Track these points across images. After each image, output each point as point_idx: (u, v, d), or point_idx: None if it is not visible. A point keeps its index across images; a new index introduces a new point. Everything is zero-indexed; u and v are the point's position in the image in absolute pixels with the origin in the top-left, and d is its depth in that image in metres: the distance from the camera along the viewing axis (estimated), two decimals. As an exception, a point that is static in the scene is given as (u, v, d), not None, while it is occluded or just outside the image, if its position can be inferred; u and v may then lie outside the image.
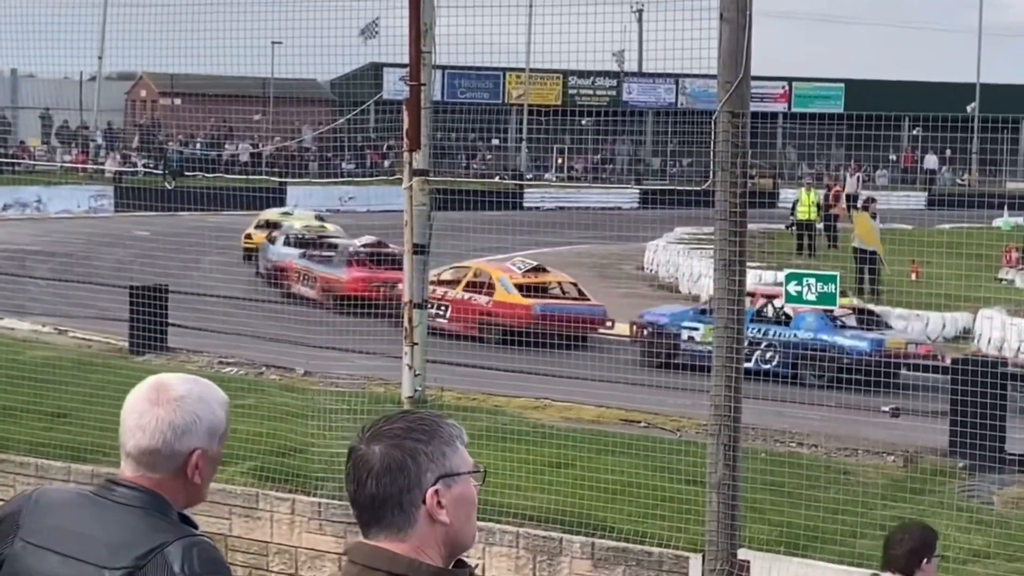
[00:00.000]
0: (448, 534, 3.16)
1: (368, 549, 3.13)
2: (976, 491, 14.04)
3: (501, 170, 46.41)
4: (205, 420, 3.63)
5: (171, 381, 3.67)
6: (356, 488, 3.12)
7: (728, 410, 11.82)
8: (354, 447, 3.16)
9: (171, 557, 3.47)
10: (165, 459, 3.60)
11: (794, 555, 11.84)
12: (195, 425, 3.61)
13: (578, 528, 12.68)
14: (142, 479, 3.61)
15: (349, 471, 3.14)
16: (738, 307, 12.06)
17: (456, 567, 3.20)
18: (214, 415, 3.66)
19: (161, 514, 3.58)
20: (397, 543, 3.10)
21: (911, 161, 66.34)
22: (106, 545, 3.50)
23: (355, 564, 3.14)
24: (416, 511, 3.10)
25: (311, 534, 13.58)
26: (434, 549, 3.13)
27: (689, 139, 37.63)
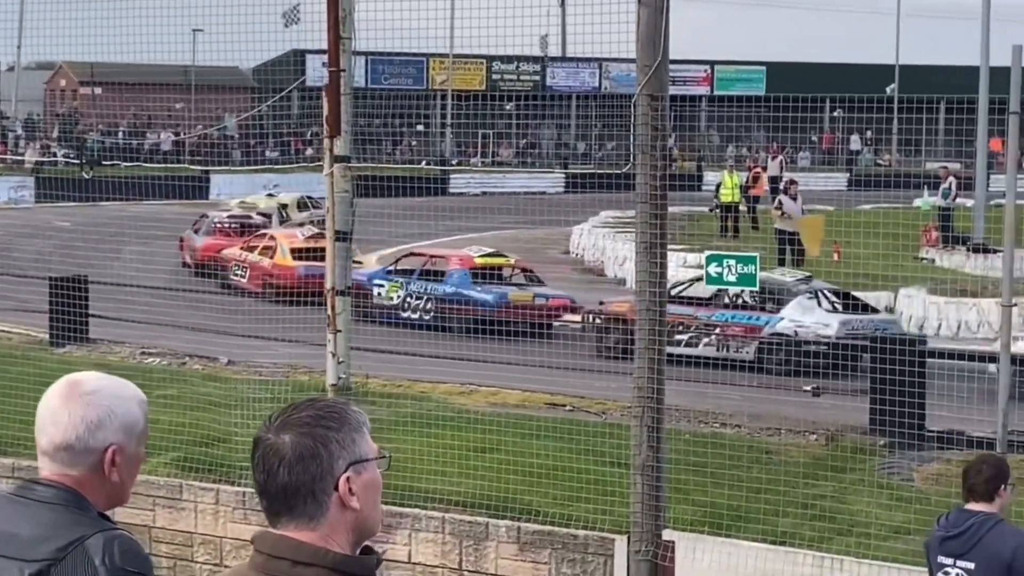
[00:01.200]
0: (358, 520, 3.16)
1: (273, 538, 3.12)
2: (896, 468, 14.19)
3: (426, 156, 46.32)
4: (119, 415, 3.61)
5: (84, 377, 3.65)
6: (266, 478, 3.11)
7: (651, 392, 11.89)
8: (261, 437, 3.15)
9: (91, 549, 3.46)
10: (80, 455, 3.58)
11: (718, 535, 11.92)
12: (109, 420, 3.59)
13: (504, 512, 12.70)
14: (61, 477, 3.59)
15: (258, 461, 3.13)
16: (660, 289, 12.13)
17: (363, 553, 3.20)
18: (129, 411, 3.63)
19: (81, 510, 3.56)
20: (307, 532, 3.10)
21: (832, 142, 66.88)
22: (25, 540, 3.49)
23: (261, 554, 3.13)
24: (328, 499, 3.10)
25: (236, 524, 13.53)
26: (343, 536, 3.14)
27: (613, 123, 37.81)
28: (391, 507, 12.83)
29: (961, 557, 7.21)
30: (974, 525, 7.20)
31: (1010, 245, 10.68)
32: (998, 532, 7.17)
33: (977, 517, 7.21)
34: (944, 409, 15.05)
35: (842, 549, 11.58)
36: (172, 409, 15.29)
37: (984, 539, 7.16)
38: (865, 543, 11.68)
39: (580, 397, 17.14)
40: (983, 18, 35.34)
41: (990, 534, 7.15)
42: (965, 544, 7.19)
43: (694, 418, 16.14)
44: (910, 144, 56.30)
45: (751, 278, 12.93)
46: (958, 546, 7.23)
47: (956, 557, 7.23)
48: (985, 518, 7.20)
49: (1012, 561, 7.11)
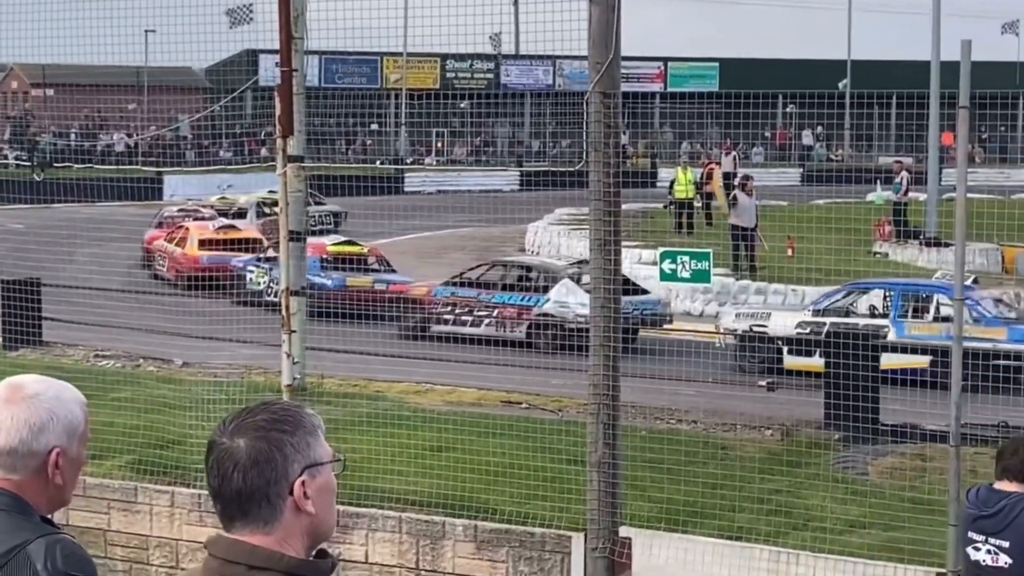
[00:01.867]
0: (313, 524, 3.15)
1: (227, 543, 3.11)
2: (851, 462, 14.26)
3: (380, 155, 46.19)
4: (62, 417, 3.58)
5: (25, 380, 3.63)
6: (221, 482, 3.09)
7: (607, 389, 11.91)
8: (216, 441, 3.13)
9: (33, 555, 3.44)
10: (23, 458, 3.55)
11: (675, 531, 11.95)
12: (51, 423, 3.57)
13: (461, 511, 12.70)
14: (2, 482, 3.56)
15: (212, 465, 3.11)
16: (614, 286, 12.14)
17: (318, 556, 3.19)
18: (71, 413, 3.61)
19: (22, 515, 3.54)
20: (261, 536, 3.09)
21: (785, 138, 67.09)
22: None
23: (215, 558, 3.12)
24: (283, 503, 3.09)
25: (191, 526, 13.47)
26: (298, 540, 3.13)
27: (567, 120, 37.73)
28: (347, 507, 12.81)
29: (995, 535, 7.37)
30: (1007, 505, 7.35)
31: (961, 239, 10.73)
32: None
33: (1011, 498, 7.36)
34: (898, 403, 15.17)
35: (798, 544, 11.62)
36: (126, 411, 15.20)
37: (1018, 519, 7.31)
38: (821, 537, 11.73)
39: (536, 395, 17.15)
40: (934, 13, 35.59)
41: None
42: (999, 523, 7.35)
43: (650, 414, 16.18)
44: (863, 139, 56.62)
45: (705, 274, 12.96)
46: (992, 525, 7.38)
47: (990, 535, 7.39)
48: (1019, 498, 7.36)
49: None
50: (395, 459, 13.58)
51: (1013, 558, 7.42)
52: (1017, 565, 7.42)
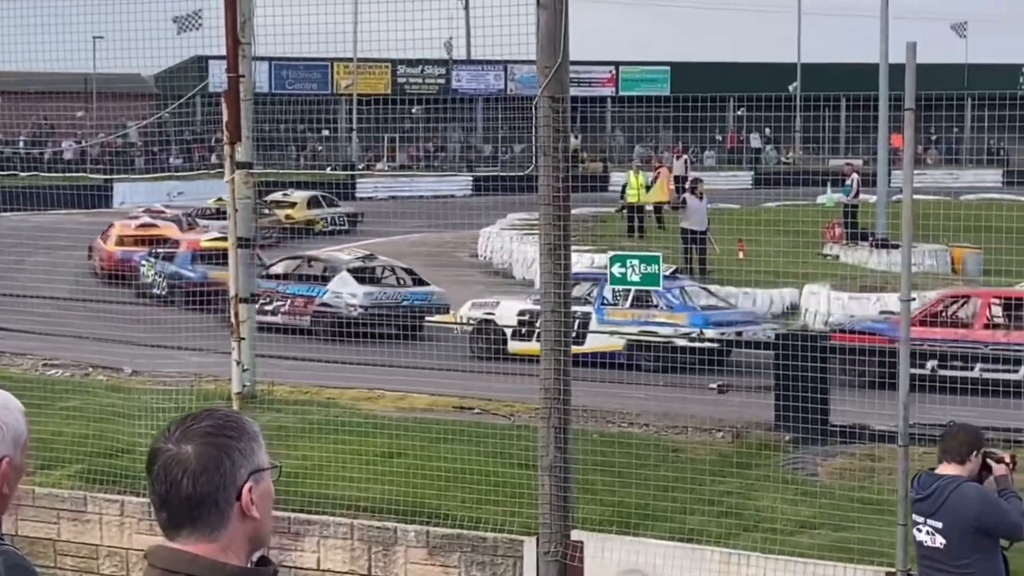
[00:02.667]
0: (255, 529, 3.15)
1: (168, 552, 3.09)
2: (801, 463, 14.31)
3: (332, 161, 46.10)
4: (11, 428, 3.57)
5: None
6: (169, 489, 3.07)
7: (558, 393, 11.92)
8: (161, 448, 3.11)
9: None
10: None
11: (626, 534, 11.96)
12: (1, 433, 3.54)
13: (412, 517, 12.68)
14: None
15: (159, 472, 3.09)
16: (564, 291, 12.15)
17: (260, 564, 3.18)
18: (17, 422, 3.59)
19: None
20: (206, 544, 3.07)
21: (736, 141, 67.40)
22: None
23: (155, 568, 3.10)
24: (230, 509, 3.09)
25: (142, 535, 13.38)
26: (240, 547, 3.12)
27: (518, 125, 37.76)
28: (299, 515, 12.78)
29: (931, 516, 7.72)
30: (939, 488, 7.69)
31: (908, 240, 10.79)
32: (960, 493, 7.64)
33: (943, 480, 7.70)
34: (848, 404, 15.23)
35: (749, 545, 11.66)
36: (75, 421, 15.10)
37: (948, 500, 7.63)
38: (771, 538, 11.77)
39: (488, 400, 17.13)
40: (882, 16, 35.81)
41: (954, 495, 7.64)
42: (933, 505, 7.70)
43: (602, 418, 16.19)
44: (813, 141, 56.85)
45: (655, 277, 13.00)
46: (927, 507, 7.74)
47: (927, 517, 7.74)
48: (950, 480, 7.68)
49: (978, 525, 7.63)
50: (346, 466, 13.54)
51: (947, 538, 7.71)
52: (951, 544, 7.70)
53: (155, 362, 18.96)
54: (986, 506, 7.63)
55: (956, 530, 7.63)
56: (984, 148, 51.05)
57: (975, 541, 7.63)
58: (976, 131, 54.84)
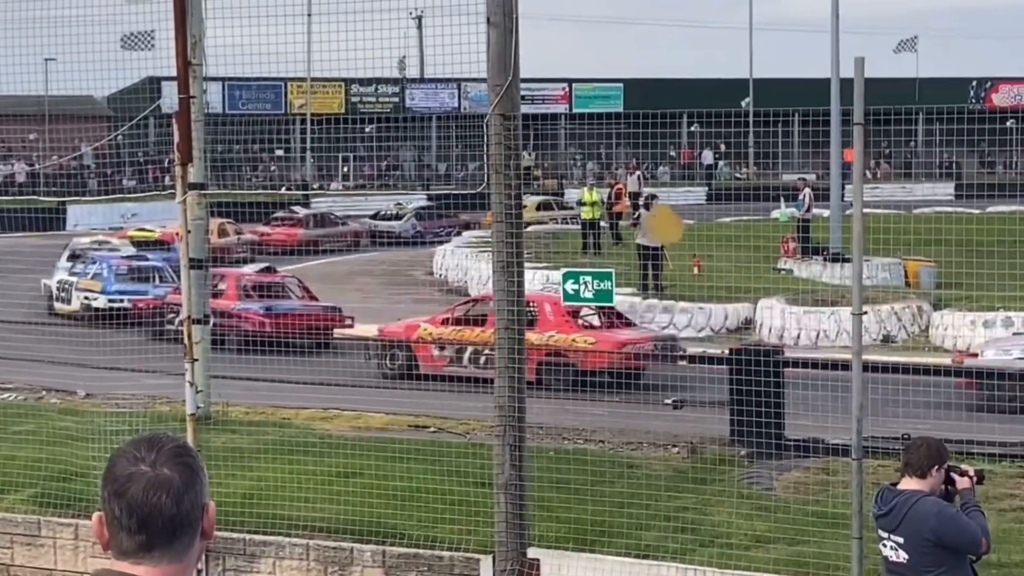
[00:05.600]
0: (202, 550, 3.15)
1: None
2: (757, 477, 14.35)
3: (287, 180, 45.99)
4: None
5: None
6: (150, 512, 3.05)
7: (512, 411, 11.90)
8: (137, 471, 3.08)
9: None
10: None
11: (583, 551, 11.96)
12: None
13: (369, 537, 12.64)
14: None
15: (138, 495, 3.06)
16: (518, 307, 12.16)
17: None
18: None
19: None
20: (175, 565, 3.07)
21: (690, 157, 67.56)
22: None
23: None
24: (198, 528, 3.10)
25: (96, 559, 13.28)
26: (194, 568, 3.12)
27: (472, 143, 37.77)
28: (254, 536, 12.72)
29: (893, 532, 7.76)
30: (899, 502, 7.74)
31: (859, 254, 10.85)
32: (919, 508, 7.67)
33: (903, 495, 7.75)
34: (803, 418, 15.28)
35: (705, 560, 11.67)
36: (29, 444, 15.00)
37: (908, 515, 7.67)
38: (727, 553, 11.79)
39: (444, 418, 17.11)
40: (832, 31, 36.01)
41: (913, 510, 7.67)
42: (894, 520, 7.74)
43: (557, 435, 16.20)
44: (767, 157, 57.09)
45: (608, 294, 13.01)
46: (889, 522, 7.78)
47: (890, 532, 7.78)
48: (910, 495, 7.72)
49: (936, 540, 7.64)
50: (302, 486, 13.50)
51: (909, 553, 7.73)
52: (913, 559, 7.71)
53: (109, 384, 18.85)
54: (944, 521, 7.64)
55: (917, 545, 7.64)
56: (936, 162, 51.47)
57: (937, 555, 7.64)
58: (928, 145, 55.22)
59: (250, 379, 18.45)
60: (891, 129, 44.65)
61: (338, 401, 17.69)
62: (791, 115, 46.43)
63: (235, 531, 12.74)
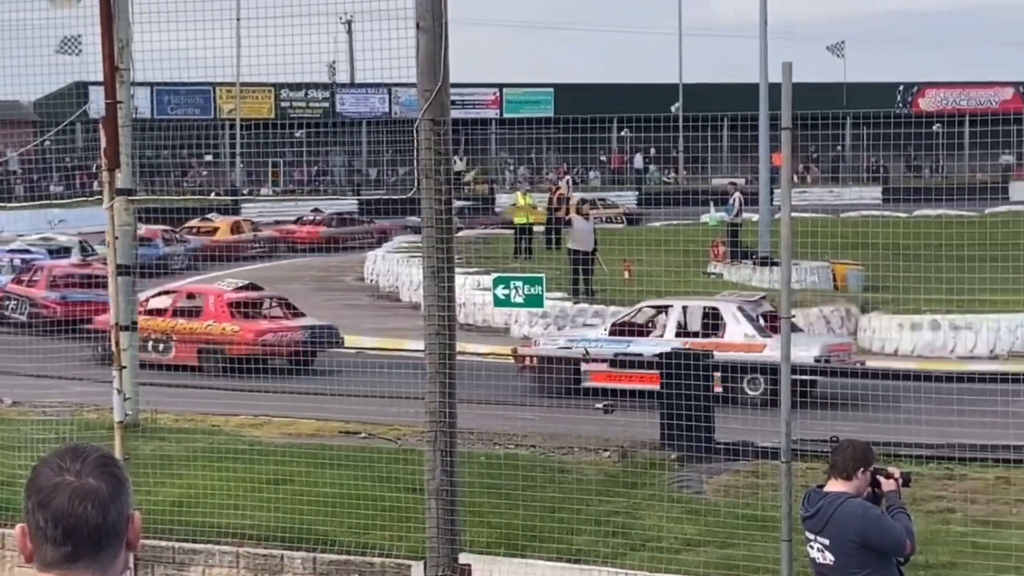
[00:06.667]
0: (127, 561, 3.11)
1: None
2: (687, 481, 14.40)
3: (217, 186, 45.80)
4: None
5: None
6: (76, 522, 3.02)
7: (444, 416, 11.88)
8: (63, 481, 3.05)
9: None
10: None
11: (514, 556, 11.96)
12: None
13: (299, 544, 12.57)
14: None
15: (64, 506, 3.03)
16: (449, 313, 12.13)
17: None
18: None
19: None
20: (99, 575, 3.04)
21: (621, 162, 67.83)
22: None
23: None
24: (124, 539, 3.07)
25: (24, 569, 13.12)
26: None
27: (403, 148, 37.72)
28: (184, 544, 12.62)
29: (819, 533, 7.82)
30: (825, 504, 7.80)
31: (787, 258, 10.91)
32: (844, 510, 7.73)
33: (829, 497, 7.81)
34: (733, 421, 15.36)
35: (636, 564, 11.70)
36: (-46, 454, 14.80)
37: (833, 516, 7.73)
38: (658, 557, 11.83)
39: (375, 424, 17.06)
40: (760, 36, 36.24)
41: (838, 512, 7.74)
42: (820, 522, 7.80)
43: (489, 440, 16.19)
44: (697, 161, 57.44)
45: (538, 299, 13.02)
46: (815, 524, 7.84)
47: (816, 534, 7.85)
48: (836, 497, 7.78)
49: (861, 541, 7.70)
50: (232, 493, 13.40)
51: (835, 554, 7.79)
52: (839, 560, 7.77)
53: (36, 392, 18.65)
54: (868, 522, 7.70)
55: (842, 546, 7.69)
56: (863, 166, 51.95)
57: (863, 557, 7.70)
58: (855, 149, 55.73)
59: (179, 386, 18.35)
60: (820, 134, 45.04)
61: (270, 408, 17.59)
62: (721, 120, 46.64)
63: (164, 539, 12.64)
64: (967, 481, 13.94)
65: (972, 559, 11.48)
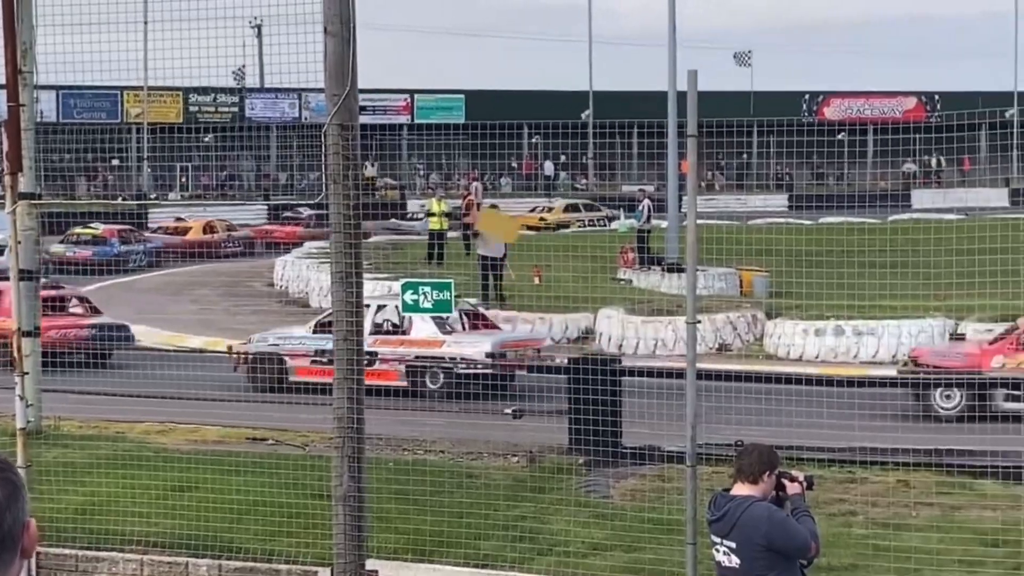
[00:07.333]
0: (20, 569, 3.08)
1: None
2: (595, 485, 14.46)
3: (124, 190, 45.33)
4: None
5: None
6: None
7: (351, 422, 11.85)
8: None
9: None
10: None
11: (421, 561, 11.97)
12: None
13: (204, 551, 12.49)
14: None
15: None
16: (357, 319, 12.11)
17: None
18: None
19: None
20: None
21: (532, 168, 67.96)
22: None
23: None
24: (19, 546, 3.03)
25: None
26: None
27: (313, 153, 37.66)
28: (87, 552, 12.50)
29: (725, 537, 7.88)
30: (731, 508, 7.85)
31: (692, 264, 11.01)
32: (750, 514, 7.78)
33: (735, 500, 7.86)
34: (640, 426, 15.42)
35: (543, 569, 11.74)
36: None
37: (740, 520, 7.78)
38: (565, 561, 11.87)
39: (283, 430, 16.98)
40: (669, 45, 36.51)
41: (744, 516, 7.79)
42: (726, 526, 7.85)
43: (397, 445, 16.16)
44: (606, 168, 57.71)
45: (447, 304, 13.03)
46: (721, 528, 7.89)
47: (722, 537, 7.90)
48: (742, 500, 7.84)
49: (767, 544, 7.76)
50: (136, 500, 13.30)
51: (741, 558, 7.85)
52: (745, 564, 7.84)
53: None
54: (774, 525, 7.77)
55: (748, 550, 7.76)
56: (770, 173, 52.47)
57: (769, 560, 7.77)
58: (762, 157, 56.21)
59: (84, 392, 18.12)
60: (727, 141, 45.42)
61: (176, 414, 17.44)
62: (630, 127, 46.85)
63: (67, 547, 12.51)
64: (868, 484, 14.11)
65: (873, 561, 11.64)
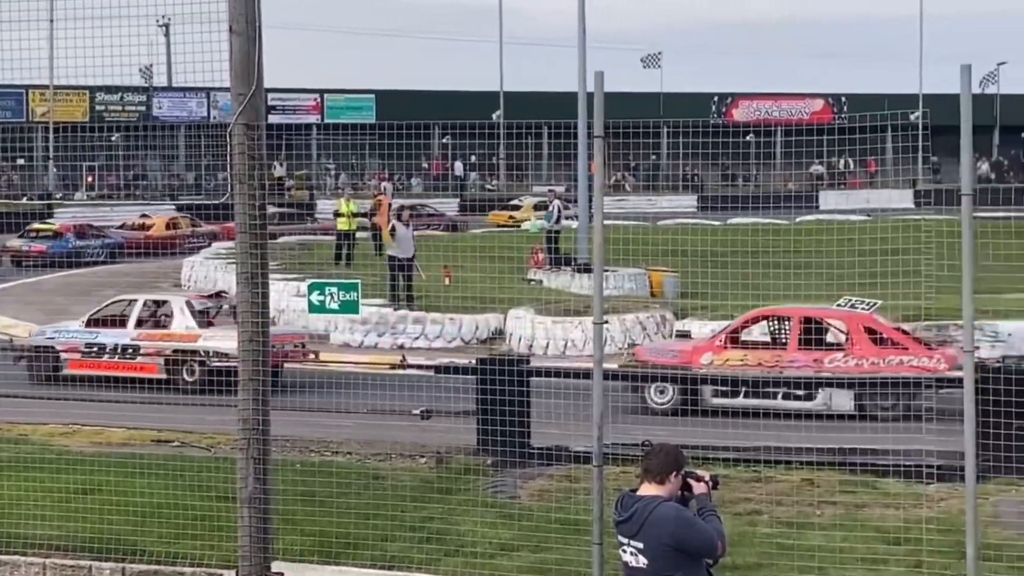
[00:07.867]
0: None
1: None
2: (503, 486, 14.46)
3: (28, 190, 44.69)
4: None
5: None
6: None
7: (256, 423, 11.77)
8: None
9: None
10: None
11: (328, 564, 11.91)
12: None
13: (108, 554, 12.35)
14: None
15: None
16: (262, 319, 12.02)
17: None
18: None
19: None
20: None
21: (441, 168, 67.89)
22: None
23: None
24: None
25: None
26: None
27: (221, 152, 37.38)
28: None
29: (633, 538, 7.85)
30: (639, 508, 7.84)
31: (599, 265, 11.03)
32: (658, 514, 7.78)
33: (642, 501, 7.85)
34: (550, 426, 15.44)
35: (450, 570, 11.72)
36: None
37: (648, 520, 7.77)
38: (473, 562, 11.86)
39: (189, 432, 16.84)
40: (579, 46, 36.62)
41: (652, 516, 7.78)
42: (634, 526, 7.83)
43: (304, 447, 16.08)
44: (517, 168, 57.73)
45: (353, 305, 12.95)
46: (629, 528, 7.87)
47: (630, 538, 7.87)
48: (649, 500, 7.84)
49: (675, 544, 7.76)
50: (38, 503, 13.13)
51: (648, 558, 7.83)
52: (653, 564, 7.83)
53: None
54: (682, 525, 7.79)
55: (656, 550, 7.77)
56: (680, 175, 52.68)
57: (676, 560, 7.79)
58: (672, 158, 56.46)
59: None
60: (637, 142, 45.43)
61: (82, 416, 17.25)
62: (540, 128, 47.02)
63: (-33, 551, 12.33)
64: (774, 483, 14.22)
65: (777, 560, 11.72)
